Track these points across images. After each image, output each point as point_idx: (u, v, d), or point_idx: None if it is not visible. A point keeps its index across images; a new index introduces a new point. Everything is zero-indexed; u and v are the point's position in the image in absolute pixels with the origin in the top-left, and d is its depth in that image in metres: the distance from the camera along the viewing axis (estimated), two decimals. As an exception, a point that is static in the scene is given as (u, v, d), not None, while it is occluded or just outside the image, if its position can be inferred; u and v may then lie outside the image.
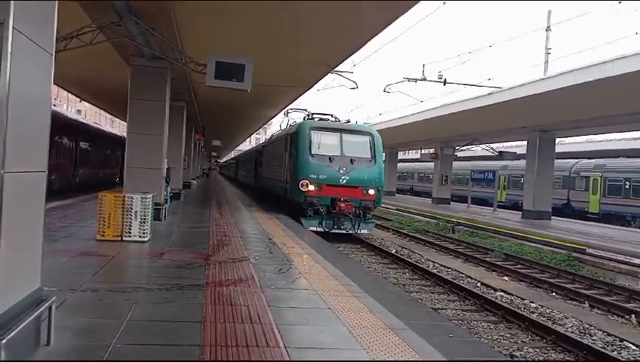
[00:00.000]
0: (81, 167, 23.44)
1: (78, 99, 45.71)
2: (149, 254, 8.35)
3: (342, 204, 15.42)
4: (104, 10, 8.62)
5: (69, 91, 25.83)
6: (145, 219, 9.27)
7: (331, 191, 15.60)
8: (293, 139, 16.83)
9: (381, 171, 16.58)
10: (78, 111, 57.18)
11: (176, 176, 17.86)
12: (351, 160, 15.89)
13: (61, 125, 20.80)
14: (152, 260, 7.84)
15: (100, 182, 26.18)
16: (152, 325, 4.67)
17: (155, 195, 10.48)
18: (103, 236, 9.08)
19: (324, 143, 16.14)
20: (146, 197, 9.35)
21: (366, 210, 15.94)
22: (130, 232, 9.18)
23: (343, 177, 15.64)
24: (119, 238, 9.10)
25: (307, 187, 15.48)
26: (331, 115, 18.55)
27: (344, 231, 15.72)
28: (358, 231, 15.92)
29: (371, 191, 15.93)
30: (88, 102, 29.89)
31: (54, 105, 43.24)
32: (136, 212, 9.20)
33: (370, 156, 16.37)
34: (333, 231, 15.46)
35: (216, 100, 19.44)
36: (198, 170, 44.64)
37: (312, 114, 18.71)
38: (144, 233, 9.26)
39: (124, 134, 34.61)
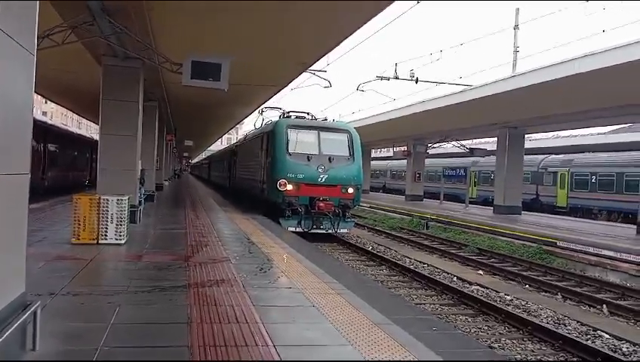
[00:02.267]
0: (49, 170, 22.90)
1: (44, 100, 44.67)
2: (128, 256, 8.24)
3: (321, 204, 15.19)
4: (77, 9, 8.46)
5: (35, 92, 25.17)
6: (121, 221, 9.14)
7: (310, 191, 15.37)
8: (270, 138, 16.49)
9: (360, 169, 16.34)
10: (44, 113, 55.88)
11: (150, 178, 17.63)
12: (329, 158, 15.66)
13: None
14: (130, 262, 7.74)
15: (69, 185, 25.61)
16: (138, 327, 4.63)
17: (131, 197, 10.33)
18: (79, 239, 8.92)
19: (301, 142, 15.87)
20: (122, 200, 9.21)
21: (345, 209, 15.73)
22: (106, 235, 9.05)
23: (322, 176, 15.42)
24: (95, 241, 8.95)
25: (285, 186, 15.20)
26: (308, 113, 18.25)
27: (324, 231, 15.49)
28: (338, 231, 15.69)
29: (350, 190, 15.74)
30: (56, 103, 29.19)
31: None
32: (112, 214, 9.07)
33: (348, 154, 16.16)
34: (312, 231, 15.21)
35: (188, 100, 19.24)
36: (170, 171, 44.12)
37: (289, 112, 18.33)
38: (120, 235, 9.14)
39: (93, 136, 33.89)
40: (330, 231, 15.53)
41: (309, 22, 9.82)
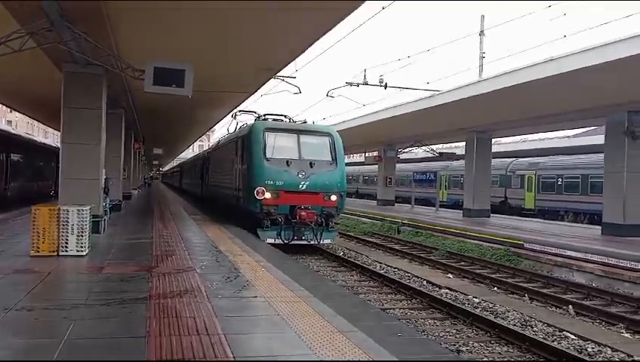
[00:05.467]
0: (12, 180, 22.25)
1: (8, 110, 43.52)
2: (88, 268, 8.01)
3: (302, 213, 13.97)
4: (35, 15, 8.21)
5: (-3, 101, 24.51)
6: (82, 232, 8.91)
7: (290, 199, 14.21)
8: (246, 142, 15.29)
9: (343, 175, 15.26)
10: (9, 122, 54.52)
11: (116, 187, 17.25)
12: (310, 163, 14.49)
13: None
14: (91, 275, 7.52)
15: (34, 195, 24.95)
16: (92, 342, 4.47)
17: (93, 207, 10.07)
18: (38, 252, 8.67)
19: (280, 146, 14.68)
20: (82, 210, 8.98)
21: (328, 218, 14.55)
22: (66, 247, 8.81)
23: (303, 182, 14.25)
24: (55, 253, 8.71)
25: (263, 195, 13.97)
26: (285, 116, 16.96)
27: (305, 242, 14.39)
28: (321, 242, 14.55)
29: (333, 197, 14.59)
30: (19, 111, 28.44)
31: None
32: (72, 225, 8.84)
33: (330, 159, 15.05)
34: (293, 242, 14.18)
35: (155, 107, 18.93)
36: (140, 179, 43.42)
37: (265, 114, 16.97)
38: (82, 247, 8.90)
39: (59, 145, 33.11)
40: (312, 241, 14.43)
41: (273, 27, 9.73)
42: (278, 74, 15.65)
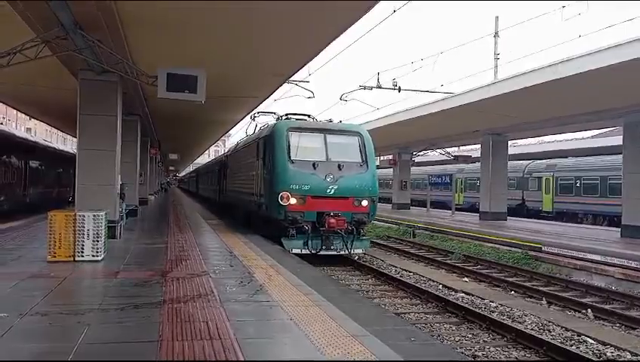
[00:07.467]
0: (31, 186, 22.61)
1: (27, 117, 44.26)
2: (103, 273, 8.08)
3: (331, 220, 12.84)
4: (50, 23, 8.33)
5: (15, 108, 24.95)
6: (98, 237, 9.00)
7: (317, 205, 13.12)
8: (268, 143, 14.15)
9: (374, 177, 14.02)
10: (28, 130, 55.40)
11: (132, 192, 17.40)
12: (339, 165, 13.40)
13: (8, 144, 20.09)
14: (106, 280, 7.58)
15: (53, 201, 25.32)
16: (105, 347, 4.49)
17: (109, 212, 10.17)
18: (55, 257, 8.77)
19: (305, 147, 13.63)
20: (98, 215, 9.07)
21: (359, 225, 13.50)
22: (82, 252, 8.90)
23: (331, 187, 13.18)
24: (71, 258, 8.81)
25: (288, 200, 12.93)
26: (308, 116, 15.85)
27: (335, 253, 13.31)
28: (352, 251, 13.53)
29: (365, 202, 13.54)
30: (37, 119, 28.92)
31: (0, 123, 41.39)
32: (88, 230, 8.93)
33: (360, 160, 13.94)
34: (321, 252, 13.13)
35: (170, 113, 19.07)
36: (156, 185, 43.78)
37: (287, 114, 15.77)
38: (98, 252, 8.98)
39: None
40: (342, 252, 13.35)
41: (282, 34, 9.75)
42: (291, 78, 15.64)
